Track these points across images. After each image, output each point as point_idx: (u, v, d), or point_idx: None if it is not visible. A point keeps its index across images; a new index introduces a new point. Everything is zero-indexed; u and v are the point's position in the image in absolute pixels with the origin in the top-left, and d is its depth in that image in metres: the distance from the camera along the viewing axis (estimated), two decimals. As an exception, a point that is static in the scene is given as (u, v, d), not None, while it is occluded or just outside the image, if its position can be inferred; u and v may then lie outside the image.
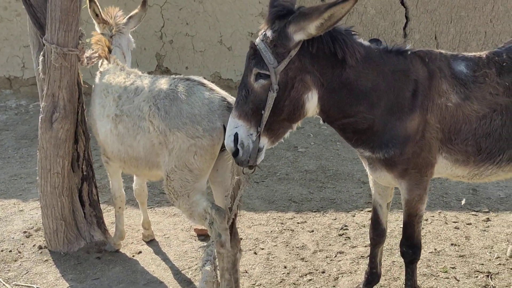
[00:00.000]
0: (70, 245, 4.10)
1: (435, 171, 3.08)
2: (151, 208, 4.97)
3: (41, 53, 3.82)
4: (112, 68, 3.70)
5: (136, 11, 4.29)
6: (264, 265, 3.96)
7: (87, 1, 3.97)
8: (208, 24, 8.15)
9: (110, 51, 3.82)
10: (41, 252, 4.11)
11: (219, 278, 3.27)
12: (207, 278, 2.99)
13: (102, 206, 4.48)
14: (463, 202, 4.96)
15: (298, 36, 2.58)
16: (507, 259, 3.97)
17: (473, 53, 3.11)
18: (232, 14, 8.15)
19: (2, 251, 4.13)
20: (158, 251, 4.18)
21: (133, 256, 4.12)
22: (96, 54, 3.78)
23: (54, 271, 3.86)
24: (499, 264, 3.93)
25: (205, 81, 3.26)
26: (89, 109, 3.80)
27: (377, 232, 3.45)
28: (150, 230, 4.31)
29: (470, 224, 4.60)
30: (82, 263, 3.98)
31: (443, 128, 2.94)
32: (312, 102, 2.72)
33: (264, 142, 2.68)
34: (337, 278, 3.80)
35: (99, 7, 4.03)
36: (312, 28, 2.53)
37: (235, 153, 2.65)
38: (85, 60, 3.71)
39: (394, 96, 2.86)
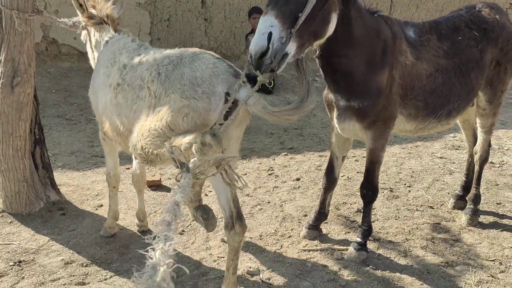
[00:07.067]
0: (32, 206, 4.25)
1: None
2: (90, 169, 5.23)
3: (-5, 19, 3.87)
4: (122, 38, 3.53)
5: None
6: (217, 203, 4.55)
7: None
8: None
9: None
10: (1, 216, 4.19)
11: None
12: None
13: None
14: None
15: None
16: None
17: (418, 22, 3.72)
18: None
19: (-43, 219, 4.12)
20: (119, 203, 4.50)
21: (96, 209, 4.43)
22: (83, 23, 3.79)
23: (25, 230, 4.00)
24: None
25: (214, 53, 3.02)
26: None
27: (330, 179, 3.90)
28: (145, 221, 4.14)
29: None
30: (49, 220, 4.17)
31: (402, 84, 3.33)
32: (332, 24, 2.84)
33: (292, 49, 2.56)
34: (282, 205, 4.59)
35: None
36: None
37: (264, 53, 2.44)
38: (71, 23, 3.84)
39: (370, 51, 3.16)
